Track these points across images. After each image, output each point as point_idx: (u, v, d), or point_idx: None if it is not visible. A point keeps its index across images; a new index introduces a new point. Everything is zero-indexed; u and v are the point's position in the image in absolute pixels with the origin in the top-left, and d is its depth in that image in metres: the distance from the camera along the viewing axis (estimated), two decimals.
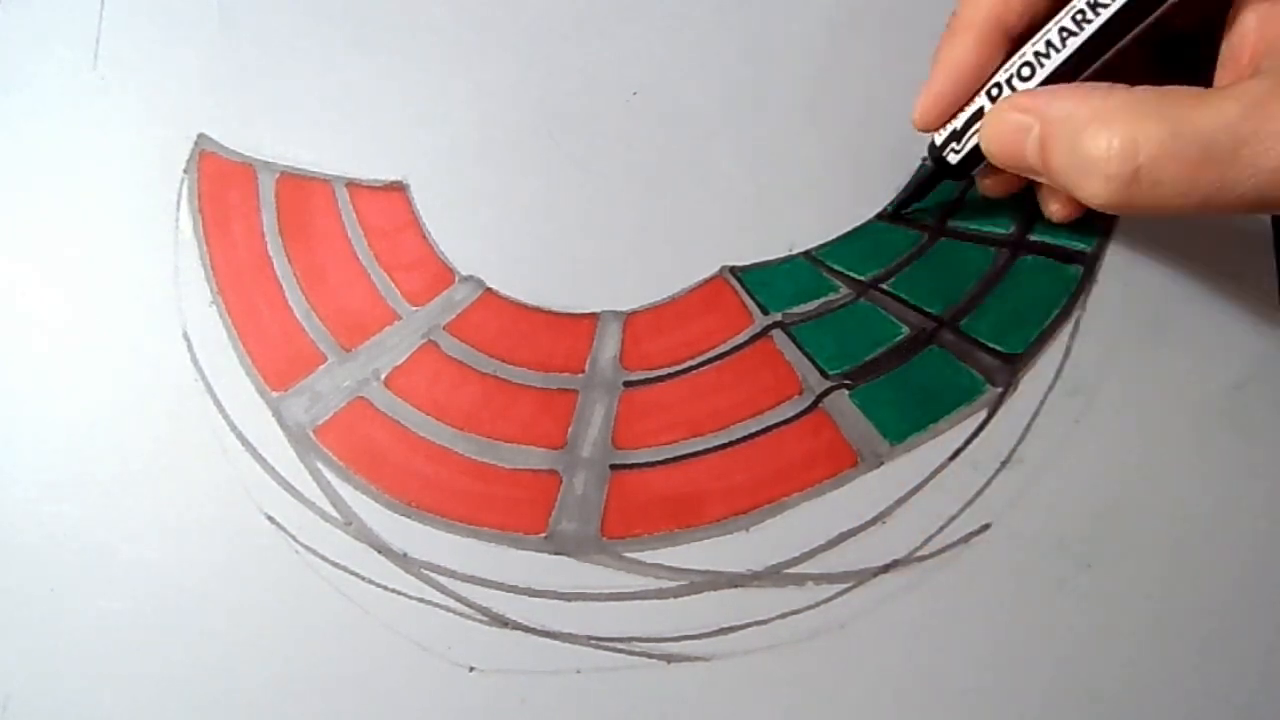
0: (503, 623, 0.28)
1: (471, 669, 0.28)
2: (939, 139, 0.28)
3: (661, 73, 0.31)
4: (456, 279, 0.30)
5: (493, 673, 0.28)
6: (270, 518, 0.29)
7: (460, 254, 0.30)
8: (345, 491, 0.29)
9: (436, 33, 0.32)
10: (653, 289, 0.30)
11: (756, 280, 0.30)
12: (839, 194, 0.31)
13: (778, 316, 0.30)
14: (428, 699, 0.28)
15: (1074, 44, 0.24)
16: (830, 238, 0.30)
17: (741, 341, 0.30)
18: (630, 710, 0.28)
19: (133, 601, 0.29)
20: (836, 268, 0.30)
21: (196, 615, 0.29)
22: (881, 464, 0.29)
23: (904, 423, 0.29)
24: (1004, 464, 0.29)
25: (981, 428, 0.29)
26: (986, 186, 0.29)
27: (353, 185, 0.31)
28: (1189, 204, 0.22)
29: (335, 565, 0.29)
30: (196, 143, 0.31)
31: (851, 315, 0.30)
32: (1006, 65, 0.26)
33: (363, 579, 0.29)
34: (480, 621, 0.28)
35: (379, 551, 0.29)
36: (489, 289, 0.30)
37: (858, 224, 0.30)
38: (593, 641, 0.28)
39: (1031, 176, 0.26)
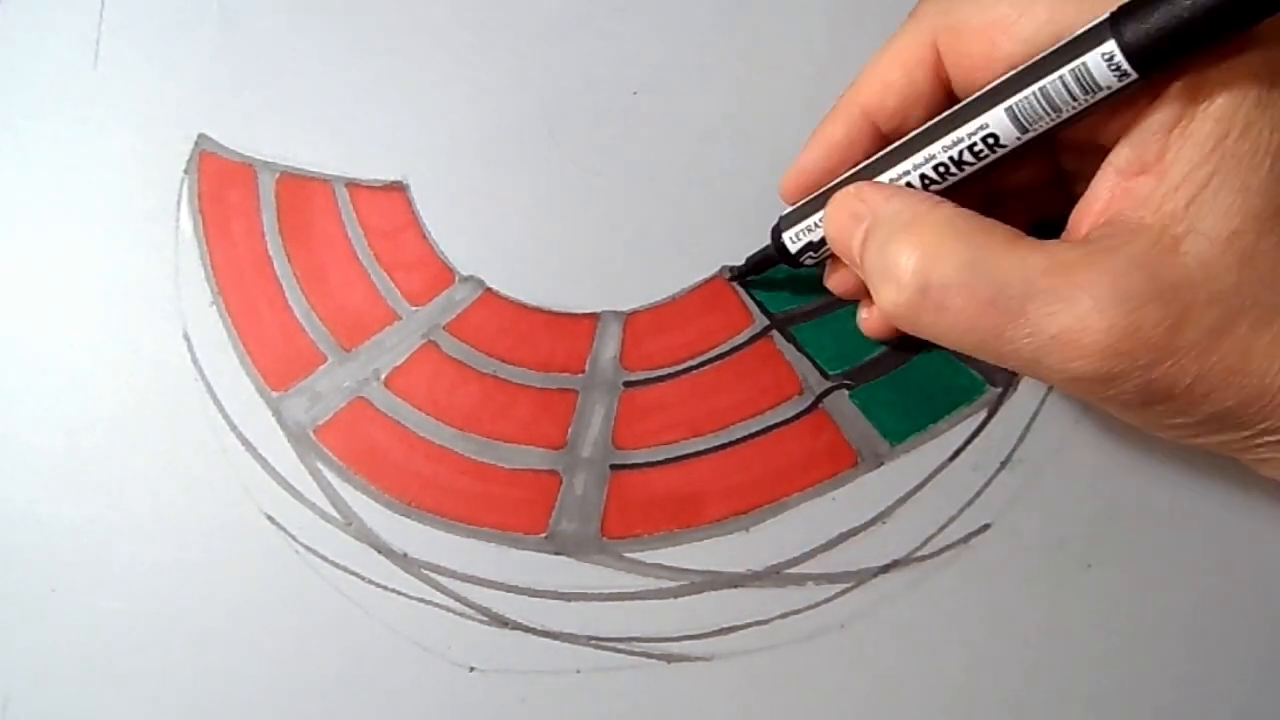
0: (503, 623, 0.28)
1: (471, 669, 0.28)
2: (788, 228, 0.27)
3: (661, 73, 0.31)
4: (456, 279, 0.30)
5: (493, 673, 0.28)
6: (270, 518, 0.29)
7: (460, 254, 0.30)
8: (345, 491, 0.29)
9: (436, 33, 0.32)
10: (653, 289, 0.30)
11: (757, 280, 0.30)
12: None
13: (778, 316, 0.30)
14: (428, 699, 0.28)
15: (915, 153, 0.24)
16: None
17: (741, 341, 0.30)
18: (630, 710, 0.28)
19: (133, 601, 0.29)
20: None
21: (196, 615, 0.29)
22: (881, 464, 0.29)
23: (904, 423, 0.29)
24: (1004, 464, 0.29)
25: (981, 428, 0.29)
26: (831, 283, 0.28)
27: (353, 185, 0.31)
28: (967, 342, 0.22)
29: (335, 565, 0.29)
30: (196, 143, 0.31)
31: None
32: (861, 167, 0.25)
33: (363, 579, 0.29)
34: (480, 621, 0.28)
35: (379, 551, 0.29)
36: (489, 289, 0.30)
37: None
38: (593, 641, 0.28)
39: (856, 271, 0.25)
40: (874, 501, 0.29)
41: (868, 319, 0.28)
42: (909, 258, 0.22)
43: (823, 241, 0.26)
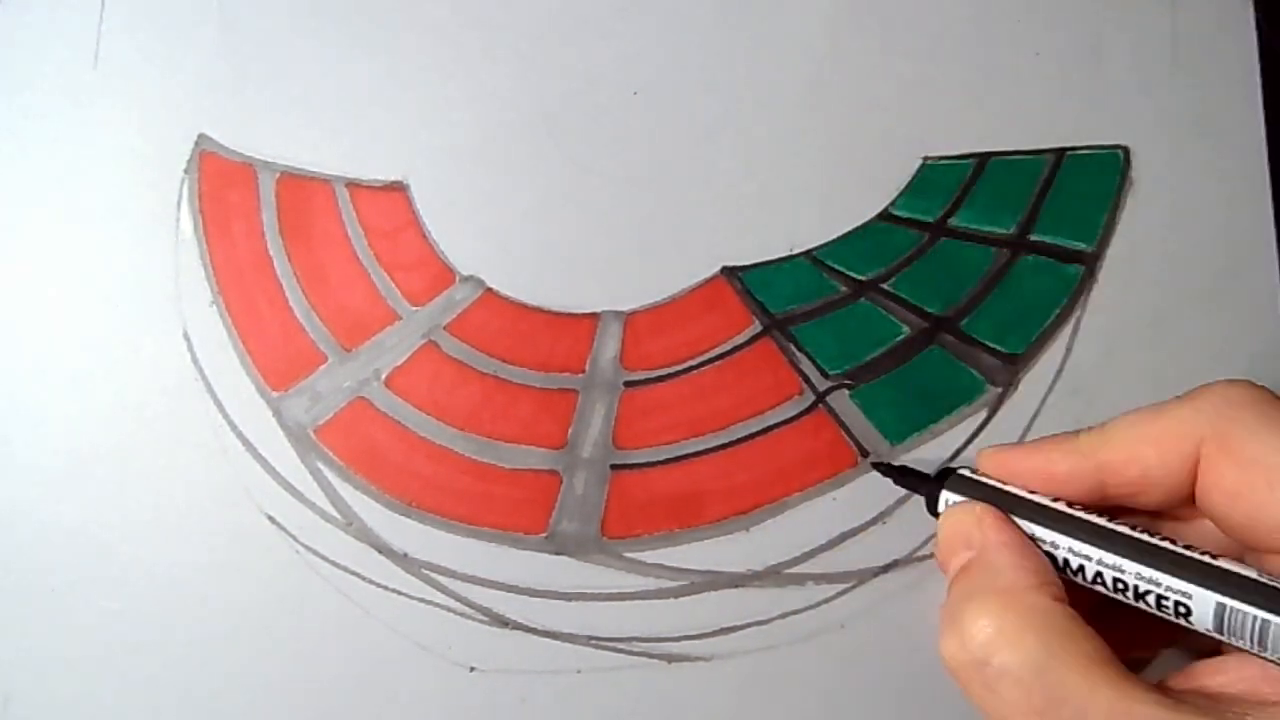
0: (503, 623, 0.28)
1: (471, 669, 0.28)
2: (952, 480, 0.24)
3: (661, 73, 0.31)
4: (456, 279, 0.30)
5: (493, 673, 0.28)
6: (270, 518, 0.29)
7: (460, 254, 0.30)
8: (346, 491, 0.29)
9: (436, 33, 0.32)
10: (653, 289, 0.30)
11: (756, 280, 0.30)
12: (839, 194, 0.31)
13: (778, 316, 0.30)
14: (428, 699, 0.28)
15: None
16: (830, 238, 0.30)
17: (742, 341, 0.30)
18: (630, 710, 0.28)
19: (133, 601, 0.29)
20: (836, 268, 0.30)
21: (196, 615, 0.29)
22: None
23: (904, 423, 0.29)
24: None
25: (981, 428, 0.29)
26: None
27: (353, 185, 0.31)
28: None
29: (336, 565, 0.29)
30: (196, 143, 0.31)
31: (852, 315, 0.29)
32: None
33: (363, 579, 0.29)
34: (480, 621, 0.28)
35: (379, 551, 0.29)
36: (489, 289, 0.30)
37: (858, 224, 0.30)
38: (593, 641, 0.28)
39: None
40: (874, 501, 0.29)
41: None
42: (983, 628, 0.20)
43: None
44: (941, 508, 0.23)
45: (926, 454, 0.29)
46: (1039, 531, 0.22)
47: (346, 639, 0.28)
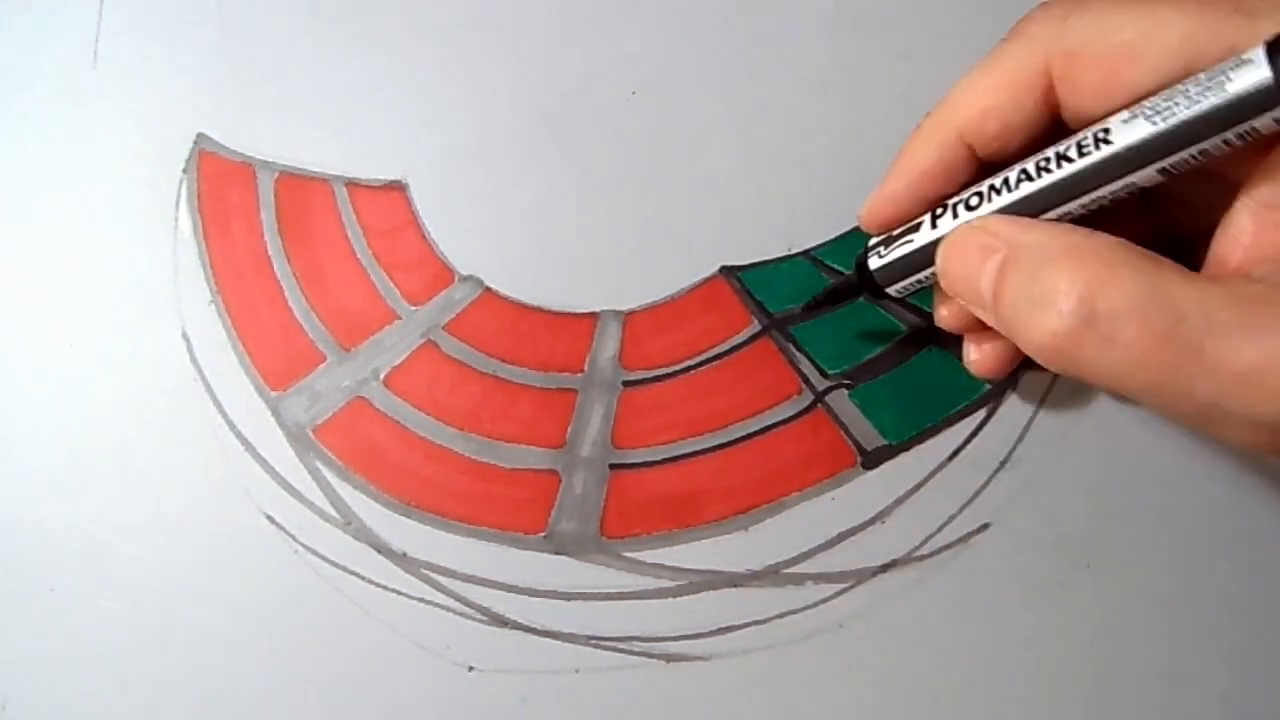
0: (503, 622, 0.28)
1: (471, 669, 0.28)
2: (873, 254, 0.26)
3: (661, 73, 0.31)
4: (456, 279, 0.30)
5: (493, 673, 0.28)
6: (270, 518, 0.29)
7: (460, 254, 0.30)
8: (345, 491, 0.29)
9: (436, 33, 0.32)
10: (652, 289, 0.30)
11: (756, 280, 0.30)
12: (839, 194, 0.30)
13: (777, 316, 0.30)
14: (428, 699, 0.28)
15: (1028, 188, 0.22)
16: (830, 237, 0.30)
17: (741, 341, 0.30)
18: (630, 710, 0.28)
19: (133, 601, 0.29)
20: (836, 267, 0.30)
21: (196, 615, 0.29)
22: (881, 464, 0.29)
23: (904, 422, 0.29)
24: (1004, 464, 0.29)
25: (981, 428, 0.29)
26: (943, 320, 0.26)
27: (352, 185, 0.31)
28: (1135, 380, 0.19)
29: (335, 565, 0.29)
30: (196, 143, 0.31)
31: (851, 315, 0.29)
32: (963, 192, 0.23)
33: (363, 579, 0.29)
34: (480, 621, 0.28)
35: (379, 551, 0.29)
36: (488, 289, 0.30)
37: (857, 224, 0.30)
38: (592, 641, 0.28)
39: (975, 310, 0.23)
40: (873, 501, 0.29)
41: (979, 360, 0.26)
42: (1072, 284, 0.19)
43: (916, 271, 0.25)
44: (875, 262, 0.25)
45: (926, 454, 0.29)
46: (981, 210, 0.22)
47: (345, 639, 0.28)
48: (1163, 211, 0.23)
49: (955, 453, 0.29)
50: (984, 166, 0.23)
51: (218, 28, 0.32)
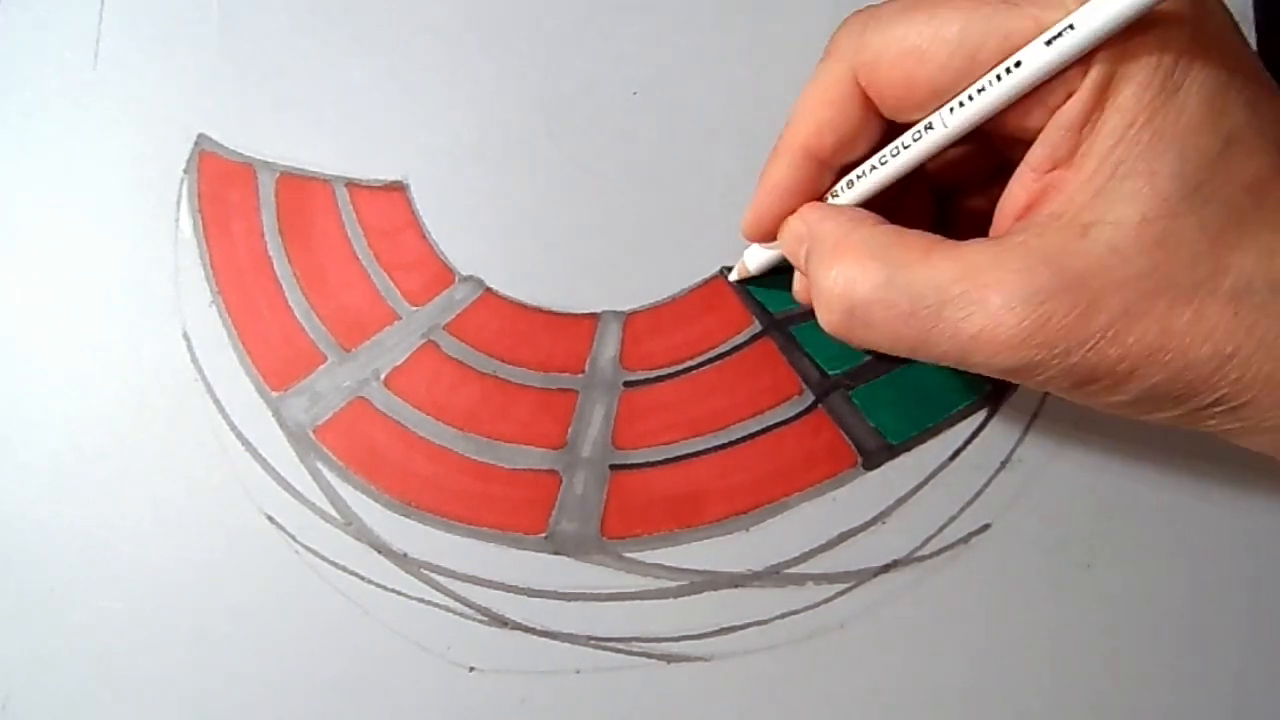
0: (503, 623, 0.28)
1: (471, 669, 0.28)
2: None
3: (661, 72, 0.31)
4: (456, 279, 0.30)
5: (493, 673, 0.28)
6: (270, 518, 0.29)
7: (460, 254, 0.30)
8: (345, 491, 0.29)
9: (436, 33, 0.32)
10: (653, 289, 0.30)
11: (756, 280, 0.30)
12: None
13: (777, 316, 0.30)
14: (428, 699, 0.28)
15: (871, 179, 0.24)
16: None
17: (741, 341, 0.30)
18: (630, 710, 0.28)
19: (133, 601, 0.29)
20: None
21: (196, 615, 0.29)
22: (881, 464, 0.29)
23: (904, 422, 0.29)
24: (1004, 464, 0.29)
25: (981, 428, 0.29)
26: (796, 292, 0.28)
27: (353, 185, 0.31)
28: (899, 349, 0.23)
29: (335, 565, 0.29)
30: (196, 143, 0.31)
31: None
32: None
33: (363, 579, 0.29)
34: (480, 621, 0.28)
35: (379, 551, 0.29)
36: (489, 289, 0.30)
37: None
38: (593, 641, 0.28)
39: None
40: (874, 501, 0.29)
41: (797, 289, 0.29)
42: (835, 280, 0.23)
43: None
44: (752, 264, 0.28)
45: (926, 454, 0.29)
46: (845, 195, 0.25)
47: (346, 639, 0.28)
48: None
49: (956, 453, 0.29)
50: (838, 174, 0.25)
51: (218, 28, 0.32)
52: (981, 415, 0.29)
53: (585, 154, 0.31)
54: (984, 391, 0.29)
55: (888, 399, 0.29)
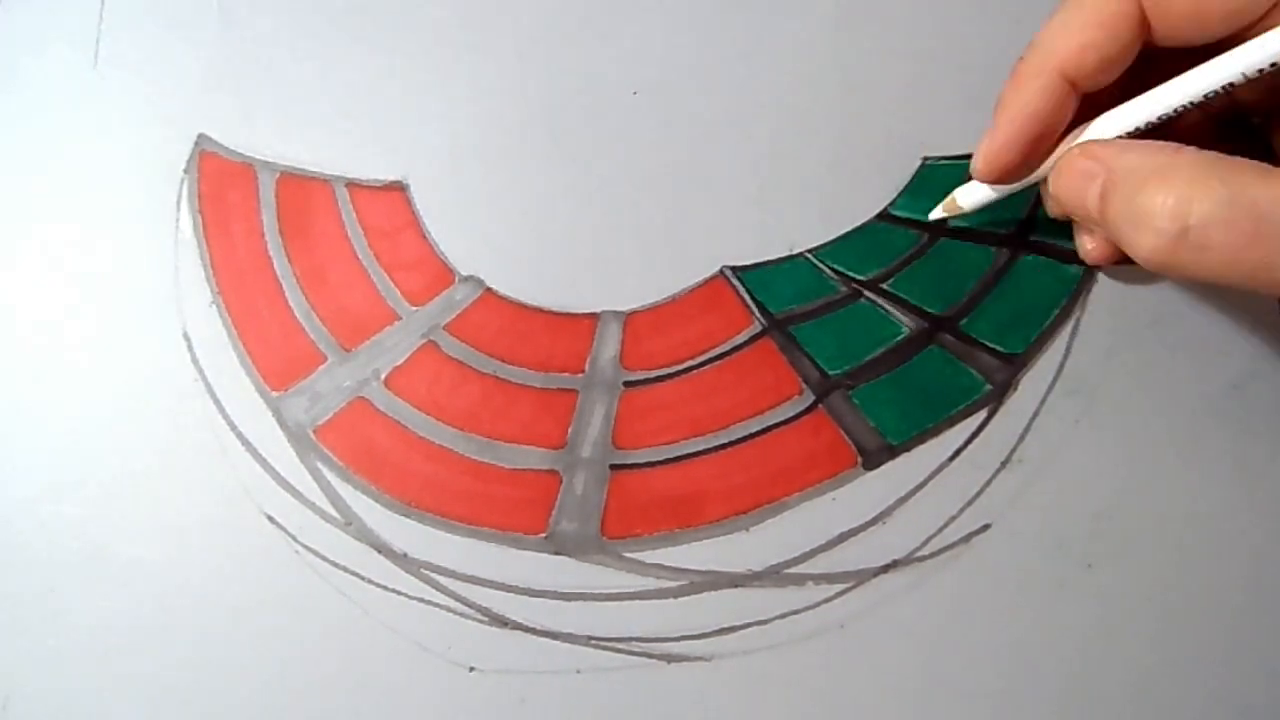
0: (503, 623, 0.28)
1: (471, 669, 0.28)
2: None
3: (661, 73, 0.31)
4: (456, 279, 0.30)
5: (493, 673, 0.28)
6: (270, 518, 0.29)
7: (460, 254, 0.30)
8: (345, 491, 0.29)
9: (436, 32, 0.32)
10: (653, 289, 0.30)
11: (756, 280, 0.30)
12: (839, 194, 0.31)
13: (778, 316, 0.30)
14: (428, 699, 0.28)
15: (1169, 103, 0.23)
16: (830, 238, 0.30)
17: (741, 341, 0.30)
18: (630, 710, 0.28)
19: (133, 601, 0.29)
20: (836, 268, 0.30)
21: (196, 615, 0.29)
22: (881, 464, 0.29)
23: (904, 422, 0.29)
24: (1004, 464, 0.29)
25: (981, 428, 0.29)
26: (1084, 247, 0.28)
27: (353, 185, 0.31)
28: (1234, 275, 0.21)
29: (335, 565, 0.29)
30: (196, 143, 0.31)
31: (851, 315, 0.29)
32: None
33: (363, 579, 0.29)
34: (480, 621, 0.28)
35: (379, 551, 0.29)
36: (489, 289, 0.30)
37: (858, 224, 0.30)
38: (593, 641, 0.28)
39: (1090, 224, 0.25)
40: (874, 501, 0.29)
41: (1093, 249, 0.28)
42: (1165, 201, 0.21)
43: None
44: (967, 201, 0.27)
45: (926, 454, 0.29)
46: (1116, 124, 0.24)
47: (346, 639, 0.28)
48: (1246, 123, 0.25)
49: (956, 453, 0.29)
50: (1085, 100, 0.24)
51: (218, 28, 0.32)
52: (981, 415, 0.29)
53: (585, 154, 0.31)
54: (984, 391, 0.29)
55: (888, 399, 0.29)
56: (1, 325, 0.30)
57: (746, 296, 0.30)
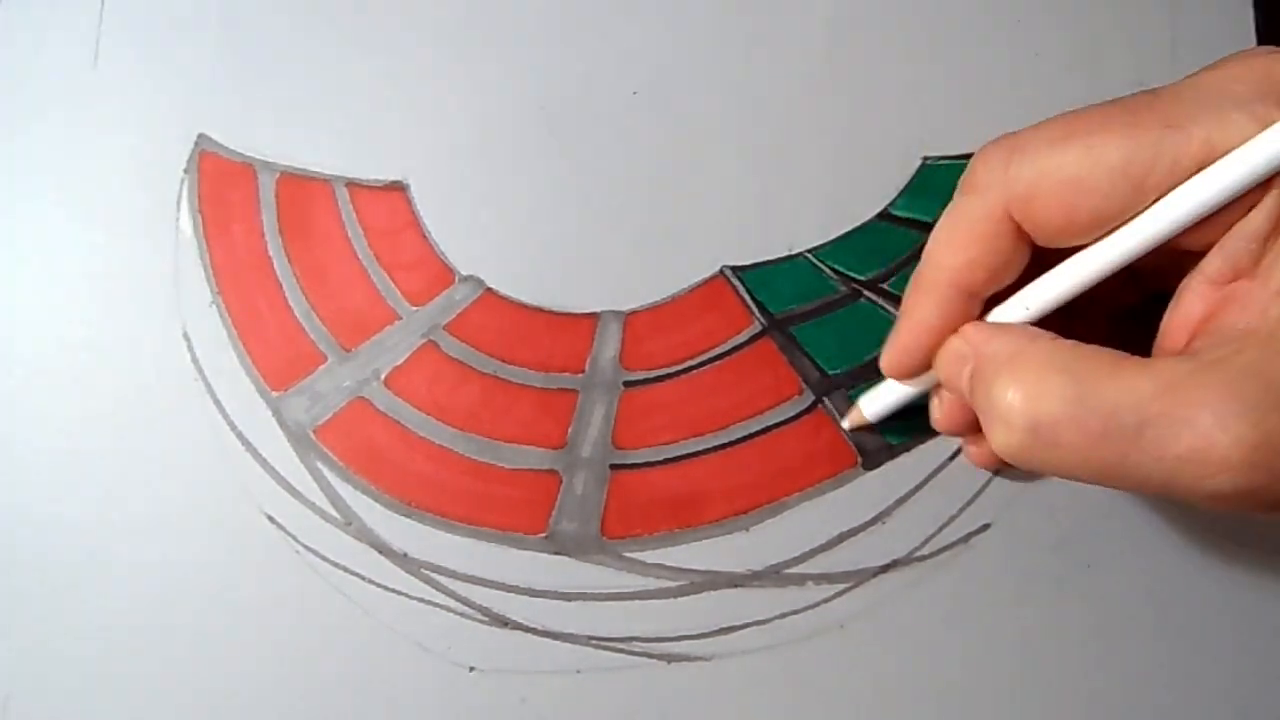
0: (503, 623, 0.28)
1: (471, 669, 0.28)
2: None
3: (661, 72, 0.31)
4: (456, 279, 0.30)
5: (493, 673, 0.28)
6: (270, 518, 0.29)
7: (460, 254, 0.30)
8: (345, 491, 0.29)
9: (436, 33, 0.32)
10: (653, 289, 0.30)
11: (756, 280, 0.30)
12: (839, 194, 0.31)
13: (778, 316, 0.30)
14: (428, 699, 0.28)
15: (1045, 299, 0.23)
16: (830, 238, 0.30)
17: (741, 341, 0.30)
18: (630, 710, 0.28)
19: (132, 601, 0.29)
20: (836, 268, 0.30)
21: (196, 615, 0.29)
22: (881, 464, 0.29)
23: (904, 423, 0.29)
24: (1004, 464, 0.29)
25: None
26: (938, 423, 0.27)
27: (353, 185, 0.31)
28: (1087, 473, 0.21)
29: (335, 565, 0.29)
30: (196, 143, 0.31)
31: (851, 315, 0.30)
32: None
33: (363, 579, 0.29)
34: (480, 621, 0.28)
35: (379, 551, 0.29)
36: (489, 289, 0.30)
37: (858, 224, 0.30)
38: (593, 641, 0.28)
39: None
40: (874, 501, 0.29)
41: (976, 452, 0.27)
42: (1014, 397, 0.21)
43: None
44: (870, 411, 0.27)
45: (926, 454, 0.29)
46: (1005, 314, 0.24)
47: (346, 639, 0.28)
48: (1145, 283, 0.24)
49: (956, 453, 0.29)
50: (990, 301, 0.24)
51: (218, 28, 0.32)
52: None
53: (585, 154, 0.31)
54: None
55: None
56: (1, 325, 0.30)
57: (746, 296, 0.30)
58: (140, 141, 0.31)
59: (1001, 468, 0.28)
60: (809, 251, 0.30)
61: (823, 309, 0.30)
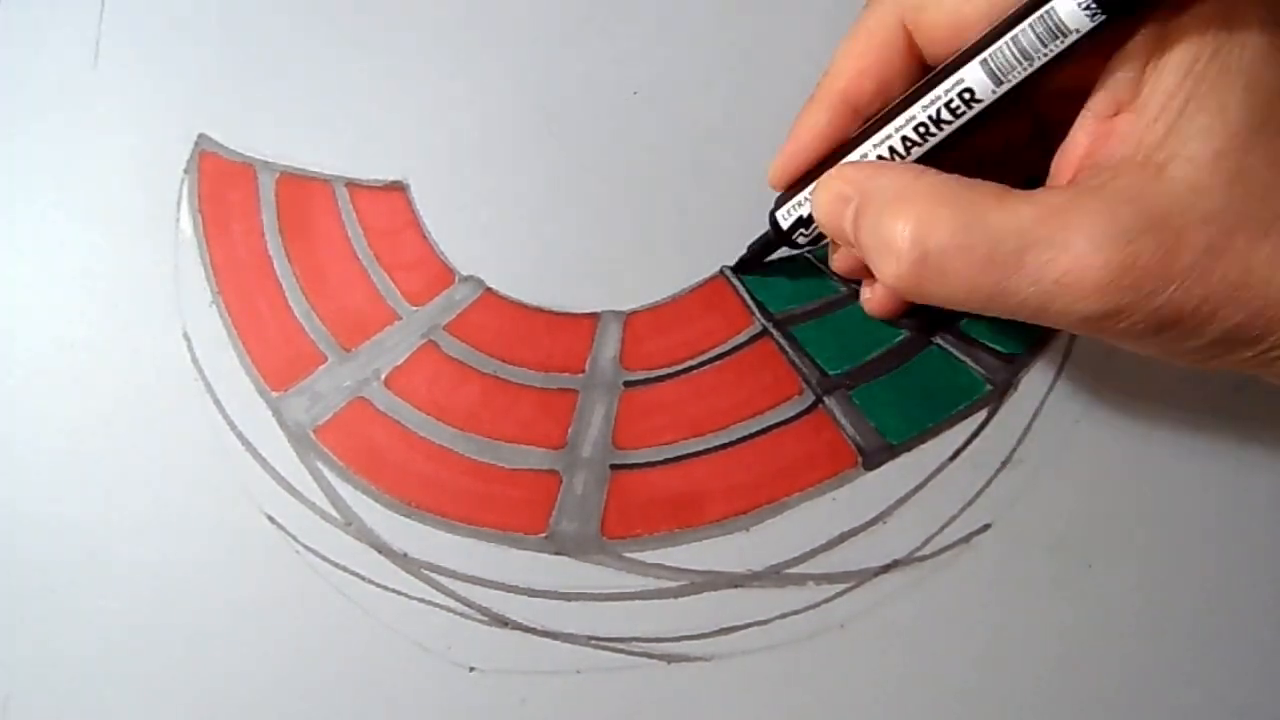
0: (503, 623, 0.28)
1: (471, 669, 0.28)
2: (780, 207, 0.27)
3: (661, 73, 0.31)
4: (456, 279, 0.30)
5: (493, 673, 0.28)
6: (270, 518, 0.29)
7: (460, 254, 0.30)
8: (345, 491, 0.29)
9: (436, 33, 0.32)
10: (653, 289, 0.30)
11: (756, 280, 0.30)
12: None
13: (778, 316, 0.30)
14: (428, 699, 0.28)
15: (915, 150, 0.24)
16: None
17: (741, 341, 0.30)
18: (630, 710, 0.28)
19: (132, 601, 0.29)
20: None
21: (196, 615, 0.29)
22: (881, 464, 0.29)
23: (904, 422, 0.29)
24: (1004, 464, 0.29)
25: (981, 428, 0.29)
26: (835, 264, 0.29)
27: (353, 185, 0.31)
28: (973, 301, 0.22)
29: (335, 565, 0.29)
30: (196, 143, 0.31)
31: (851, 315, 0.29)
32: (856, 149, 0.25)
33: (363, 579, 0.29)
34: (480, 621, 0.28)
35: (379, 551, 0.29)
36: (489, 289, 0.30)
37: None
38: (593, 641, 0.28)
39: (854, 251, 0.25)
40: (874, 501, 0.29)
41: (870, 298, 0.28)
42: (904, 228, 0.22)
43: (812, 217, 0.26)
44: (786, 223, 0.27)
45: (926, 454, 0.29)
46: (873, 150, 0.24)
47: (346, 639, 0.28)
48: (1047, 125, 0.25)
49: (956, 453, 0.29)
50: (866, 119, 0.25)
51: (218, 28, 0.32)
52: (981, 415, 0.29)
53: (585, 154, 0.31)
54: (984, 392, 0.29)
55: (888, 399, 0.29)
56: (1, 325, 0.30)
57: (746, 296, 0.30)
58: (140, 141, 0.31)
59: (896, 312, 0.28)
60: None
61: (823, 309, 0.30)
